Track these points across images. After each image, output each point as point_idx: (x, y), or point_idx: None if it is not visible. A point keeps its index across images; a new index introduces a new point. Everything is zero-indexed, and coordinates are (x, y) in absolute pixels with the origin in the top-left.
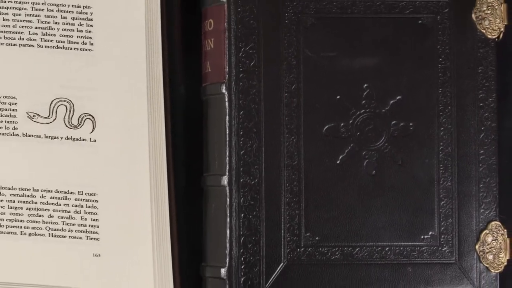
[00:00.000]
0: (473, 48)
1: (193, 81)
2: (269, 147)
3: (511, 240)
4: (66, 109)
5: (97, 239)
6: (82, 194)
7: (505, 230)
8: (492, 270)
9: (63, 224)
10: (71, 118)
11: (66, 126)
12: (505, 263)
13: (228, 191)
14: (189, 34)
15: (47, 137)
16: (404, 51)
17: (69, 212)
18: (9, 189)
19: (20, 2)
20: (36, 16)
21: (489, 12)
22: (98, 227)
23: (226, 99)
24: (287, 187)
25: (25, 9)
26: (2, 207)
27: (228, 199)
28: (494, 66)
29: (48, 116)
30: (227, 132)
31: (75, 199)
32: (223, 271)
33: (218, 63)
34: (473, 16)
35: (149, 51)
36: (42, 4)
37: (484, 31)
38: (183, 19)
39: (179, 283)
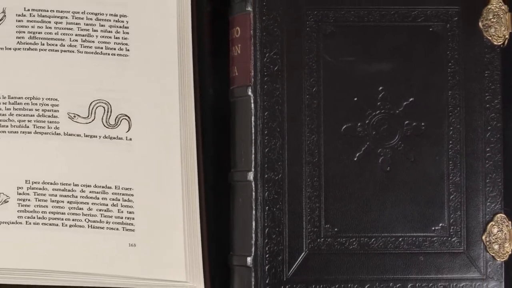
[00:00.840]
0: (480, 54)
1: (221, 84)
2: (291, 145)
3: None
4: (104, 110)
5: (132, 230)
6: (118, 189)
7: (510, 222)
8: (498, 259)
9: (101, 217)
10: (109, 118)
11: (104, 126)
12: (510, 252)
13: (253, 186)
14: (217, 41)
15: (87, 136)
16: (416, 56)
17: (107, 205)
18: (51, 184)
19: (61, 11)
20: (76, 24)
21: (494, 20)
22: (133, 219)
23: (252, 101)
24: (308, 182)
25: (66, 17)
26: (45, 200)
27: (253, 193)
28: (499, 71)
29: (88, 117)
30: (253, 131)
31: (112, 193)
32: (249, 260)
33: (244, 68)
34: (480, 24)
35: (180, 56)
36: (81, 13)
37: (490, 38)
38: (212, 27)
39: (208, 271)
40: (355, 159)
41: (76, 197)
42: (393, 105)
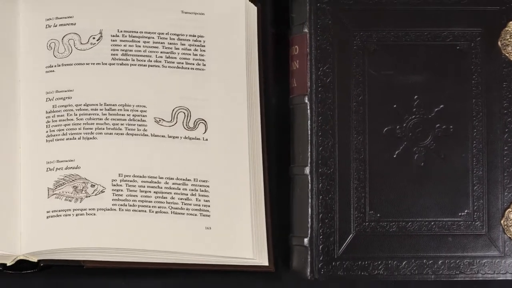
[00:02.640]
0: (499, 68)
1: (282, 93)
2: (341, 144)
3: None
4: (185, 115)
5: (208, 216)
6: (197, 181)
7: None
8: None
9: (182, 204)
10: (188, 122)
11: (184, 128)
12: None
13: (309, 178)
14: (279, 57)
15: (170, 137)
16: (445, 70)
17: (187, 195)
18: (140, 177)
19: (149, 33)
20: (161, 43)
21: (511, 40)
22: (209, 206)
23: (308, 108)
24: (355, 175)
25: (153, 38)
26: (135, 191)
27: (309, 185)
28: None
29: (171, 121)
30: (309, 133)
31: (191, 185)
32: (306, 240)
33: (302, 80)
34: (499, 43)
35: (248, 70)
36: (165, 34)
37: (508, 55)
38: (275, 46)
39: (272, 250)
40: (394, 156)
41: (161, 188)
42: (426, 111)
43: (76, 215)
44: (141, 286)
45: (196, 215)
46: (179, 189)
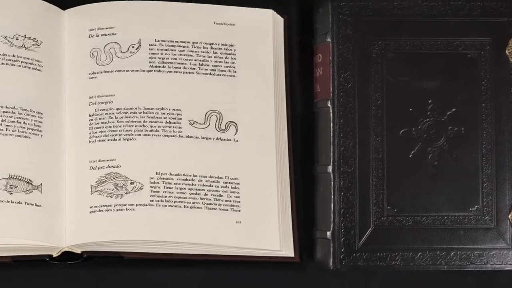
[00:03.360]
0: (506, 75)
1: (307, 98)
2: (361, 145)
3: None
4: (217, 118)
5: (238, 211)
6: (228, 179)
7: None
8: None
9: (214, 200)
10: (220, 124)
11: (217, 130)
12: None
13: (332, 176)
14: (304, 65)
15: (203, 138)
16: (457, 76)
17: (219, 191)
18: (176, 175)
19: (184, 42)
20: (195, 52)
21: None
22: (239, 202)
23: (331, 111)
24: (374, 173)
25: (187, 47)
26: (171, 188)
27: (332, 182)
28: None
29: (204, 123)
30: (331, 134)
31: (223, 182)
32: (328, 233)
33: (325, 85)
34: (507, 51)
35: (275, 76)
36: (199, 43)
37: None
38: (300, 54)
39: (297, 242)
40: (410, 156)
41: (195, 185)
42: (439, 114)
43: (117, 210)
44: (176, 275)
45: (227, 210)
46: (212, 186)
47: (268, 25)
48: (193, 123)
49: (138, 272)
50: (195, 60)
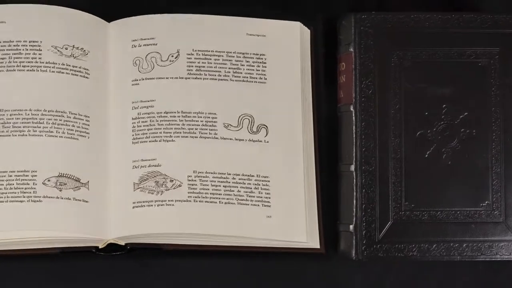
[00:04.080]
0: None
1: (331, 103)
2: (381, 146)
3: None
4: (249, 121)
5: (269, 206)
6: (259, 177)
7: None
8: None
9: (247, 196)
10: (252, 127)
11: (249, 132)
12: None
13: (354, 175)
14: (329, 72)
15: (236, 139)
16: (469, 83)
17: (251, 188)
18: (212, 173)
19: (219, 51)
20: (229, 60)
21: None
22: (269, 198)
23: (353, 115)
24: (392, 172)
25: (222, 56)
26: (207, 185)
27: (354, 180)
28: None
29: (237, 126)
30: (354, 136)
31: (254, 180)
32: (351, 227)
33: (348, 91)
34: None
35: (303, 83)
36: (233, 53)
37: None
38: (325, 63)
39: (322, 235)
40: (426, 156)
41: (229, 182)
42: (452, 118)
43: (158, 205)
44: (211, 265)
45: (258, 205)
46: (244, 183)
47: (296, 36)
48: (227, 125)
49: (176, 262)
50: (229, 68)
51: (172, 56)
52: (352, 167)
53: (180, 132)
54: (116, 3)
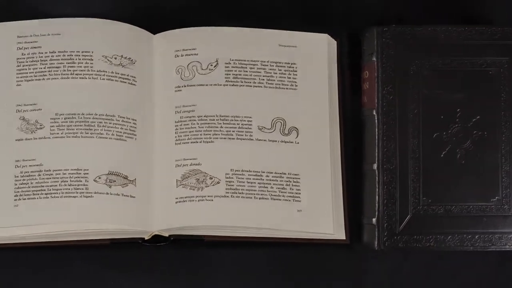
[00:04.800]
0: None
1: (356, 107)
2: (401, 146)
3: None
4: (281, 124)
5: (299, 201)
6: (290, 175)
7: None
8: None
9: (279, 192)
10: (284, 129)
11: (281, 134)
12: None
13: (377, 173)
14: (354, 80)
15: (270, 141)
16: (481, 90)
17: (282, 185)
18: (247, 171)
19: (254, 61)
20: (263, 69)
21: None
22: (300, 194)
23: (376, 118)
24: (411, 170)
25: (257, 65)
26: (243, 182)
27: (377, 177)
28: None
29: (271, 129)
30: (376, 138)
31: (286, 178)
32: (374, 220)
33: (371, 97)
34: None
35: (330, 90)
36: (266, 62)
37: None
38: (350, 71)
39: (348, 227)
40: (442, 155)
41: (263, 180)
42: (466, 121)
43: (198, 200)
44: (247, 255)
45: (290, 200)
46: (277, 181)
47: (324, 47)
48: (262, 128)
49: (216, 252)
50: (263, 76)
51: (212, 65)
52: (375, 166)
53: (219, 134)
54: (161, 17)
